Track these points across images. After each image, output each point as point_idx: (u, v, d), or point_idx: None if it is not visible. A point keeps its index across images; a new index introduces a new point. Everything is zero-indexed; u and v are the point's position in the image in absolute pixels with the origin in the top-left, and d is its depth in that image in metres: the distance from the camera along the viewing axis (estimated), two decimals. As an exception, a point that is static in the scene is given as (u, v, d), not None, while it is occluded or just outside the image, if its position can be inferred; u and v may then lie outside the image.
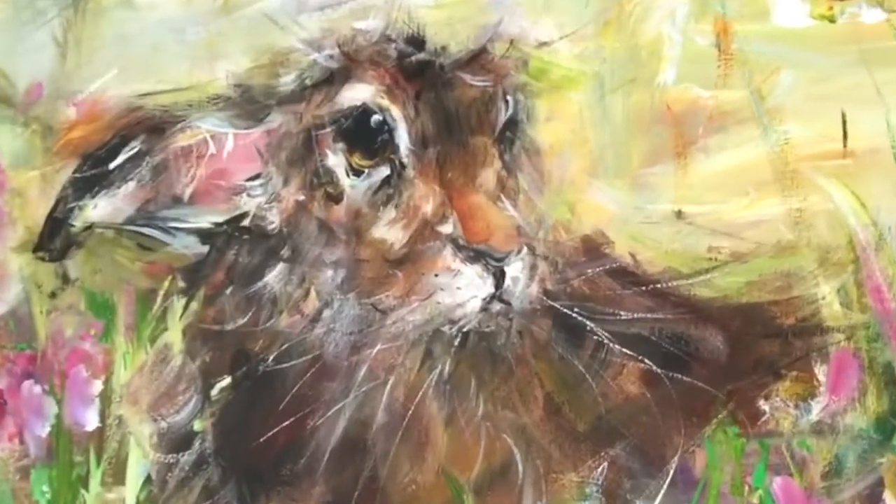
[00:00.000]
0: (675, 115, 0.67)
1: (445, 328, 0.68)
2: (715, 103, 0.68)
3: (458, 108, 0.67)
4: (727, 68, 0.67)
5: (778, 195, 0.67)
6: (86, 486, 0.77)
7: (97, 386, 0.76)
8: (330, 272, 0.69)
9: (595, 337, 0.69)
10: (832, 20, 0.65)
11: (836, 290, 0.68)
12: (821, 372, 0.68)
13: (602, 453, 0.70)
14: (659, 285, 0.70)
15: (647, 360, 0.68)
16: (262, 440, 0.72)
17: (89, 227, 0.72)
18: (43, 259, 0.73)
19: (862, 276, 0.67)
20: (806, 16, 0.65)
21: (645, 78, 0.68)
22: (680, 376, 0.69)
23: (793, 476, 0.68)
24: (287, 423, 0.71)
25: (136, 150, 0.70)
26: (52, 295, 0.76)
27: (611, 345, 0.69)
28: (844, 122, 0.66)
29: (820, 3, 0.65)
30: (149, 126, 0.70)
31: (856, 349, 0.68)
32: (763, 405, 0.69)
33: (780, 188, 0.67)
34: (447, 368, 0.70)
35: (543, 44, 0.68)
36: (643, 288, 0.70)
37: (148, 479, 0.75)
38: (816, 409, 0.68)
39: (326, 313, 0.69)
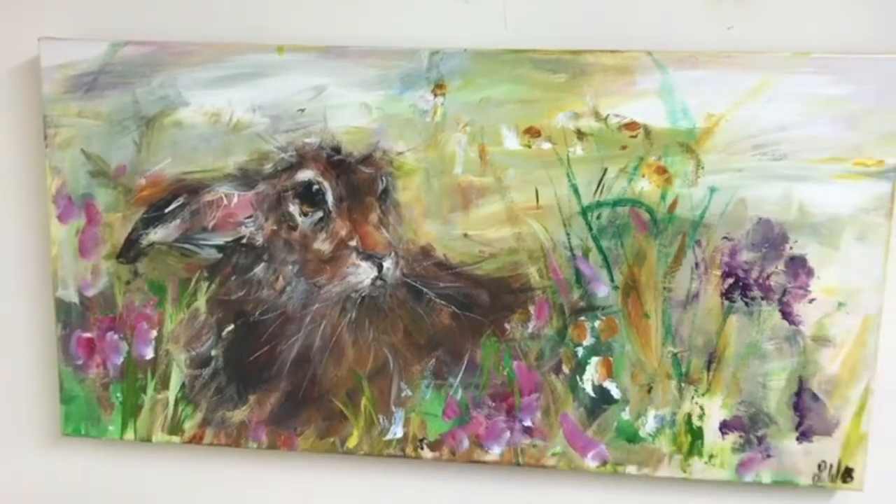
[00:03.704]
0: (462, 188, 0.91)
1: (353, 294, 0.95)
2: (480, 183, 0.90)
3: (357, 183, 0.93)
4: (484, 167, 0.90)
5: (509, 226, 0.91)
6: (144, 392, 1.02)
7: (153, 333, 1.00)
8: (290, 266, 0.95)
9: (427, 296, 0.93)
10: (529, 147, 0.88)
11: (536, 269, 0.91)
12: (532, 309, 0.92)
13: (432, 353, 0.95)
14: (457, 269, 0.92)
15: (452, 306, 0.93)
16: (250, 359, 0.98)
17: (151, 245, 0.98)
18: (122, 262, 0.99)
19: (548, 262, 0.91)
20: (518, 144, 0.89)
21: (448, 171, 0.91)
22: (468, 313, 0.93)
23: (522, 360, 0.93)
24: (265, 349, 0.98)
25: (181, 202, 0.96)
26: (127, 283, 1.00)
27: (435, 299, 0.93)
28: (537, 192, 0.89)
29: (524, 139, 0.88)
30: (188, 189, 0.96)
31: (546, 298, 0.91)
32: (507, 325, 0.93)
33: (510, 223, 0.91)
34: (353, 315, 0.95)
35: (399, 153, 0.92)
36: (450, 271, 0.92)
37: (182, 386, 1.00)
38: (531, 327, 0.92)
39: (288, 288, 0.96)
